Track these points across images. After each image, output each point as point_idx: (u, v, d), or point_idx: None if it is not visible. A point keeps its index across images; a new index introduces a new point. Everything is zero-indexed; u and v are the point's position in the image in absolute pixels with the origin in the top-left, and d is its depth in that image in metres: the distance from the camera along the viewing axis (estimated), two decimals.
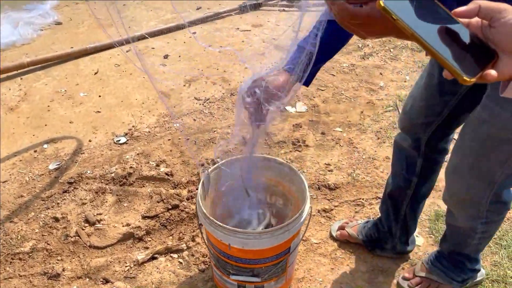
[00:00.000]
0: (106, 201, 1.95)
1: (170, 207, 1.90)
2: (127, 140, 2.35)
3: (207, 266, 1.67)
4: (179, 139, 2.35)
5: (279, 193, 1.59)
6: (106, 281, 1.63)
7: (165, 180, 2.06)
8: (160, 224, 1.84)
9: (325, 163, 2.18)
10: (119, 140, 2.33)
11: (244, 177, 1.42)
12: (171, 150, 2.27)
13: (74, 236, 1.78)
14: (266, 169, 1.54)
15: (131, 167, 2.12)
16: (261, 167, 1.53)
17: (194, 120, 2.51)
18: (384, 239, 1.65)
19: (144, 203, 1.94)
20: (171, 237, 1.81)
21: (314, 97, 2.69)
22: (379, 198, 1.99)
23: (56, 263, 1.69)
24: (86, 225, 1.83)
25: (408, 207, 1.55)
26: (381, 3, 0.59)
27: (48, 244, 1.75)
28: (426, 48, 0.59)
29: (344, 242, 1.76)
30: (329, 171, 2.13)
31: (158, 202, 1.94)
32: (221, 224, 1.24)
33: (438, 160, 1.46)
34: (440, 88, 1.24)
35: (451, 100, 1.24)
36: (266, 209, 1.61)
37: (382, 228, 1.63)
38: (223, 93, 2.73)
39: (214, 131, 2.42)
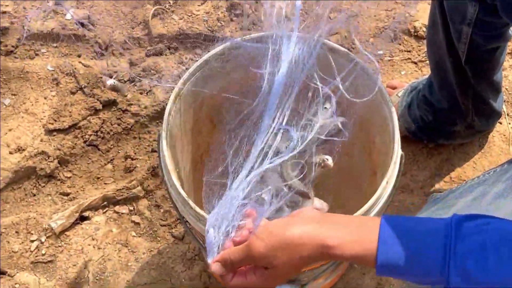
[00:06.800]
0: None
1: (101, 106, 0.98)
2: None
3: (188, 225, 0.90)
4: None
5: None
6: (1, 273, 0.87)
7: (80, 38, 1.06)
8: (84, 142, 0.97)
9: None
10: None
11: None
12: None
13: None
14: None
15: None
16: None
17: None
18: (447, 121, 0.92)
19: (47, 98, 1.00)
20: (110, 166, 0.96)
21: None
22: None
23: None
24: None
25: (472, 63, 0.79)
26: None
27: None
28: None
29: None
30: None
31: (73, 93, 1.00)
32: None
33: None
34: None
35: None
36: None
37: (439, 104, 0.90)
38: None
39: None
